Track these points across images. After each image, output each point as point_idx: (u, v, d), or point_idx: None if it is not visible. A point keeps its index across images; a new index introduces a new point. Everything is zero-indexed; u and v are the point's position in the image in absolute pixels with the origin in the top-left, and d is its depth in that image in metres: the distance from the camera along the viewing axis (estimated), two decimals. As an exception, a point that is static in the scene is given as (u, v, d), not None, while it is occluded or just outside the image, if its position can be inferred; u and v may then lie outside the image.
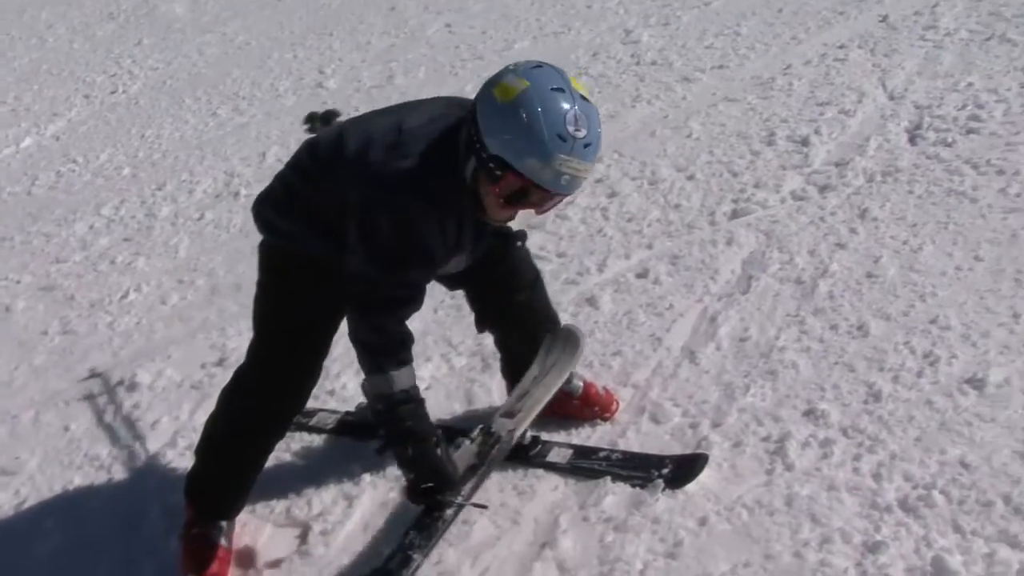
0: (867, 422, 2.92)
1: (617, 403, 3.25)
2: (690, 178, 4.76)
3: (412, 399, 2.56)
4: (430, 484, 2.61)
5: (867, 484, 2.69)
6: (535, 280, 3.07)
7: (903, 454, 2.77)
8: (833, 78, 5.54)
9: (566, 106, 2.29)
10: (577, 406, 3.22)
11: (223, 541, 2.89)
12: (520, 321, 3.07)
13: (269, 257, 2.77)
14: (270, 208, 2.74)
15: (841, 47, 5.96)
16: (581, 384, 3.23)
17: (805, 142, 4.84)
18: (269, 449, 2.95)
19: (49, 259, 5.32)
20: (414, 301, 2.56)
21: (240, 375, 2.86)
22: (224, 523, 2.92)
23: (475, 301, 3.09)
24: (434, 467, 2.61)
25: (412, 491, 2.63)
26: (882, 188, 4.28)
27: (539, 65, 2.38)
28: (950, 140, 4.54)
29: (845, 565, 2.44)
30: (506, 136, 2.31)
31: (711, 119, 5.37)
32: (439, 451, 2.62)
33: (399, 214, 2.42)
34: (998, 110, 4.71)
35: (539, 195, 2.40)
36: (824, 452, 2.84)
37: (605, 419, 3.21)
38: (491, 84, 2.37)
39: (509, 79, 2.34)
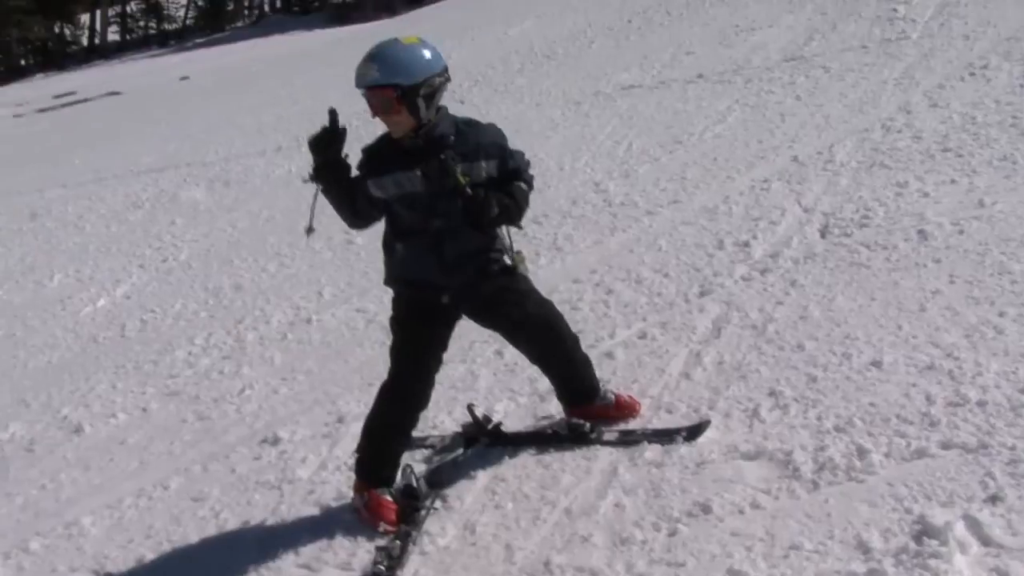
0: (809, 393, 4.43)
1: (640, 404, 4.68)
2: (665, 276, 6.36)
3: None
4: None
5: (812, 423, 4.18)
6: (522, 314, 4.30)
7: (833, 406, 4.27)
8: (762, 202, 7.27)
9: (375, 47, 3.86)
10: (612, 411, 4.62)
11: (389, 498, 4.19)
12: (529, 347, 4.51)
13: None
14: None
15: (765, 181, 7.72)
16: (613, 396, 4.66)
17: (747, 244, 6.50)
18: (406, 434, 4.32)
19: (163, 376, 6.64)
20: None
21: (380, 387, 4.30)
22: (386, 490, 4.22)
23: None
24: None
25: None
26: (804, 266, 5.93)
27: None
28: (849, 232, 6.24)
29: (804, 459, 3.92)
30: None
31: (674, 237, 7.02)
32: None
33: None
34: (881, 211, 6.45)
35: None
36: (783, 412, 4.33)
37: (633, 417, 4.61)
38: None
39: None
